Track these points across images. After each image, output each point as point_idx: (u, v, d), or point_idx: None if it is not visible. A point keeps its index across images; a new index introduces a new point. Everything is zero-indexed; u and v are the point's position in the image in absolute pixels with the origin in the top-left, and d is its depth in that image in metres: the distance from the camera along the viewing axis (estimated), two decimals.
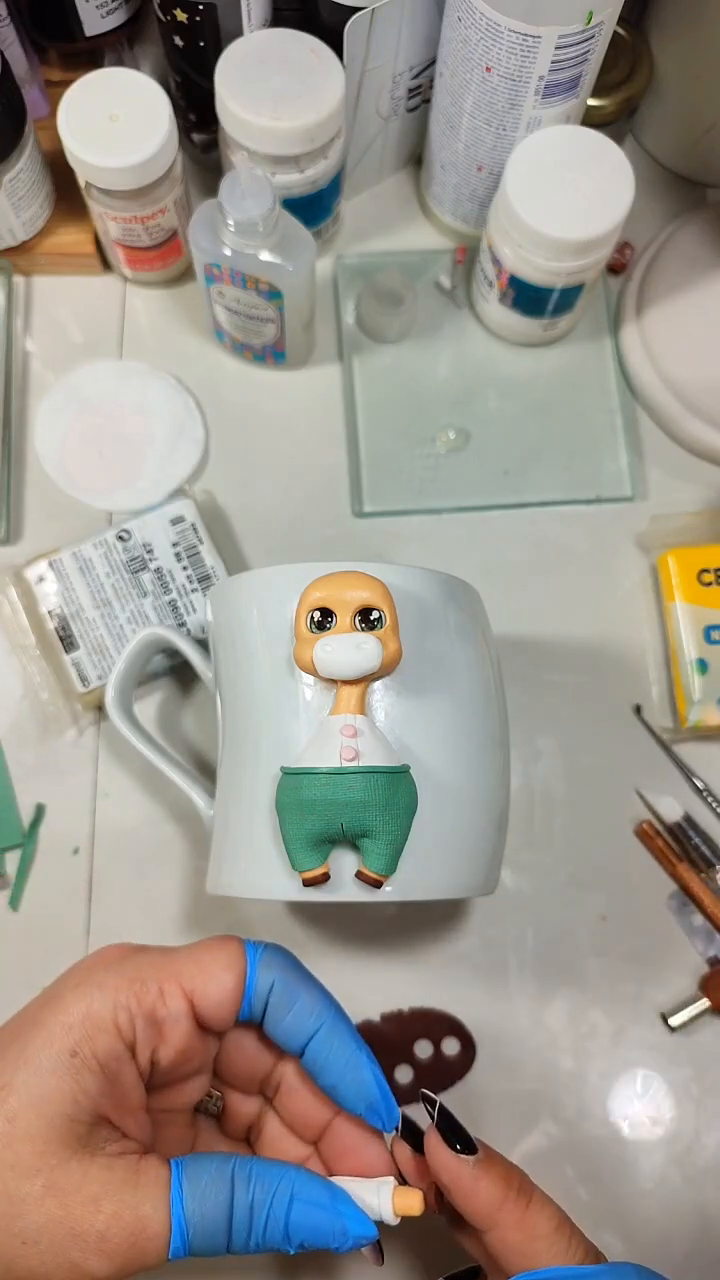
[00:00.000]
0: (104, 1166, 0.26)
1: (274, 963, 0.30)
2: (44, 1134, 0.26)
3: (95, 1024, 0.27)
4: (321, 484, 0.50)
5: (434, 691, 0.35)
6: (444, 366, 0.52)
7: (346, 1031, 0.30)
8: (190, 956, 0.30)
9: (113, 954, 0.30)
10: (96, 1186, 0.26)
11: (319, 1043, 0.30)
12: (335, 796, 0.32)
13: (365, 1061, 0.30)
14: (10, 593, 0.46)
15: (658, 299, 0.51)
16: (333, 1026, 0.30)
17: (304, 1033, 0.30)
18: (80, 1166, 0.26)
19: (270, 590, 0.36)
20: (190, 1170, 0.27)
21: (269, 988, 0.29)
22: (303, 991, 0.30)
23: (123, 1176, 0.26)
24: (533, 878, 0.46)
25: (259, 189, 0.41)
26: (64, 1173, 0.26)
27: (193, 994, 0.29)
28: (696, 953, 0.45)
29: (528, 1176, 0.30)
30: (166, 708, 0.47)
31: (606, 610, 0.49)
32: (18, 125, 0.45)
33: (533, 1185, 0.30)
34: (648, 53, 0.51)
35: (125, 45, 0.53)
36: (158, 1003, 0.28)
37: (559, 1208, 0.30)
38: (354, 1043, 0.30)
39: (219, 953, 0.30)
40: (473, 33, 0.42)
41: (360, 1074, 0.30)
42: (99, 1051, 0.27)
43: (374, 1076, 0.30)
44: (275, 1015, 0.30)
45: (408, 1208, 0.29)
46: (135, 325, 0.52)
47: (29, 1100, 0.26)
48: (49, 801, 0.46)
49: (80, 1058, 0.27)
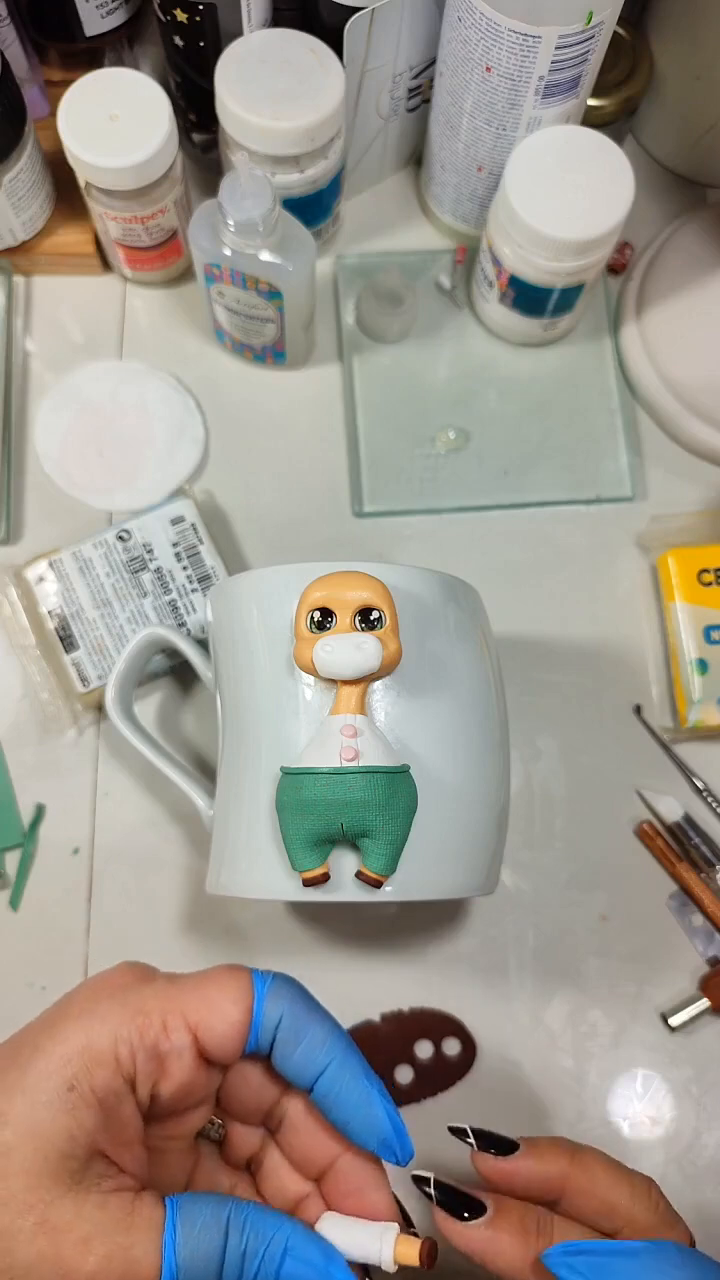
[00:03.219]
0: (97, 1205, 0.26)
1: (283, 994, 0.29)
2: (38, 1169, 0.25)
3: (94, 1057, 0.27)
4: (321, 484, 0.50)
5: (434, 691, 0.35)
6: (444, 366, 0.52)
7: (358, 1065, 0.29)
8: (196, 988, 0.29)
9: (118, 979, 0.29)
10: (89, 1226, 0.25)
11: (329, 1078, 0.29)
12: (335, 796, 0.32)
13: (378, 1098, 0.29)
14: (10, 593, 0.46)
15: (658, 299, 0.51)
16: (343, 1061, 0.29)
17: (314, 1067, 0.29)
18: (73, 1204, 0.25)
19: (270, 590, 0.36)
20: (185, 1213, 0.26)
21: (277, 1020, 0.29)
22: (312, 1024, 0.29)
23: (116, 1217, 0.26)
24: (533, 878, 0.46)
25: (259, 189, 0.41)
26: (56, 1210, 0.25)
27: (197, 1027, 0.28)
28: (696, 953, 0.45)
29: (545, 1212, 0.30)
30: (166, 708, 0.47)
31: (606, 610, 0.49)
32: (18, 125, 0.45)
33: (550, 1218, 0.30)
34: (648, 53, 0.51)
35: (125, 45, 0.53)
36: (160, 1037, 0.28)
37: (584, 1227, 0.30)
38: (365, 1078, 0.29)
39: (226, 984, 0.29)
40: (473, 33, 0.42)
41: (373, 1110, 0.29)
42: (97, 1086, 0.26)
43: (387, 1113, 0.29)
44: (284, 1049, 0.29)
45: (407, 1257, 0.28)
46: (135, 325, 0.52)
47: (25, 1133, 0.26)
48: (49, 801, 0.46)
49: (78, 1092, 0.26)
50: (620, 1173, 0.31)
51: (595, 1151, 0.32)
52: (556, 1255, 0.28)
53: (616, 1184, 0.31)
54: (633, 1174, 0.31)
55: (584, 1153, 0.31)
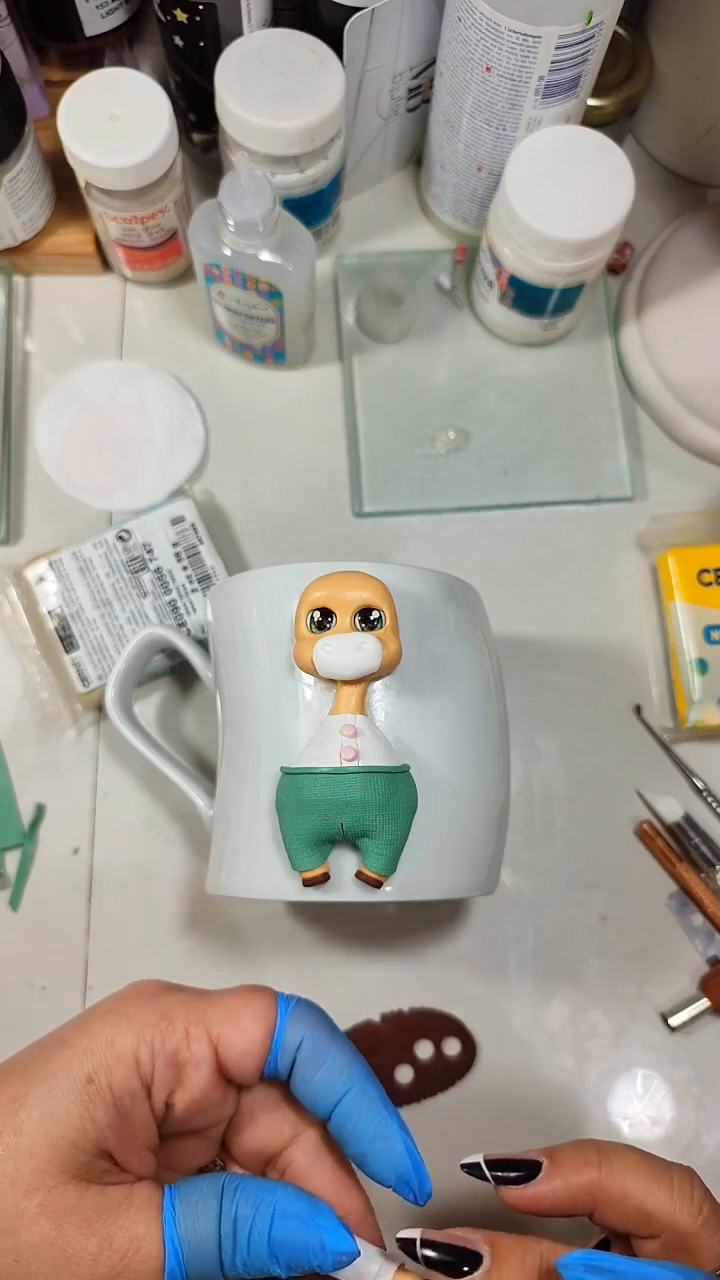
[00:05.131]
0: (98, 1192, 0.26)
1: (305, 1018, 0.29)
2: (46, 1154, 0.26)
3: (116, 1055, 0.27)
4: (321, 484, 0.50)
5: (434, 691, 0.35)
6: (444, 366, 0.52)
7: (377, 1096, 0.29)
8: (220, 1003, 0.29)
9: (148, 988, 0.30)
10: (90, 1210, 0.26)
11: (347, 1107, 0.29)
12: (335, 796, 0.32)
13: (397, 1130, 0.29)
14: (10, 593, 0.46)
15: (658, 299, 0.51)
16: (362, 1090, 0.29)
17: (333, 1094, 0.29)
18: (76, 1190, 0.26)
19: (270, 590, 0.36)
20: (182, 1190, 0.27)
21: (298, 1043, 0.29)
22: (334, 1050, 0.29)
23: (116, 1201, 0.26)
24: (533, 878, 0.46)
25: (259, 189, 0.41)
26: (60, 1194, 0.26)
27: (218, 1040, 0.28)
28: (696, 953, 0.45)
29: (550, 1246, 0.28)
30: (166, 708, 0.47)
31: (606, 610, 0.49)
32: (18, 125, 0.45)
33: (555, 1250, 0.28)
34: (648, 53, 0.51)
35: (125, 45, 0.53)
36: (182, 1045, 0.28)
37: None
38: (385, 1108, 0.29)
39: (250, 1002, 0.29)
40: (473, 33, 0.42)
41: (391, 1143, 0.28)
42: (115, 1083, 0.27)
43: (406, 1146, 0.29)
44: (304, 1072, 0.29)
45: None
46: (135, 325, 0.52)
47: (39, 1118, 0.26)
48: (49, 801, 0.46)
49: (95, 1086, 0.27)
50: (655, 1171, 0.29)
51: (625, 1153, 0.30)
52: (576, 1267, 0.26)
53: (652, 1186, 0.29)
54: (671, 1170, 0.29)
55: (612, 1157, 0.29)
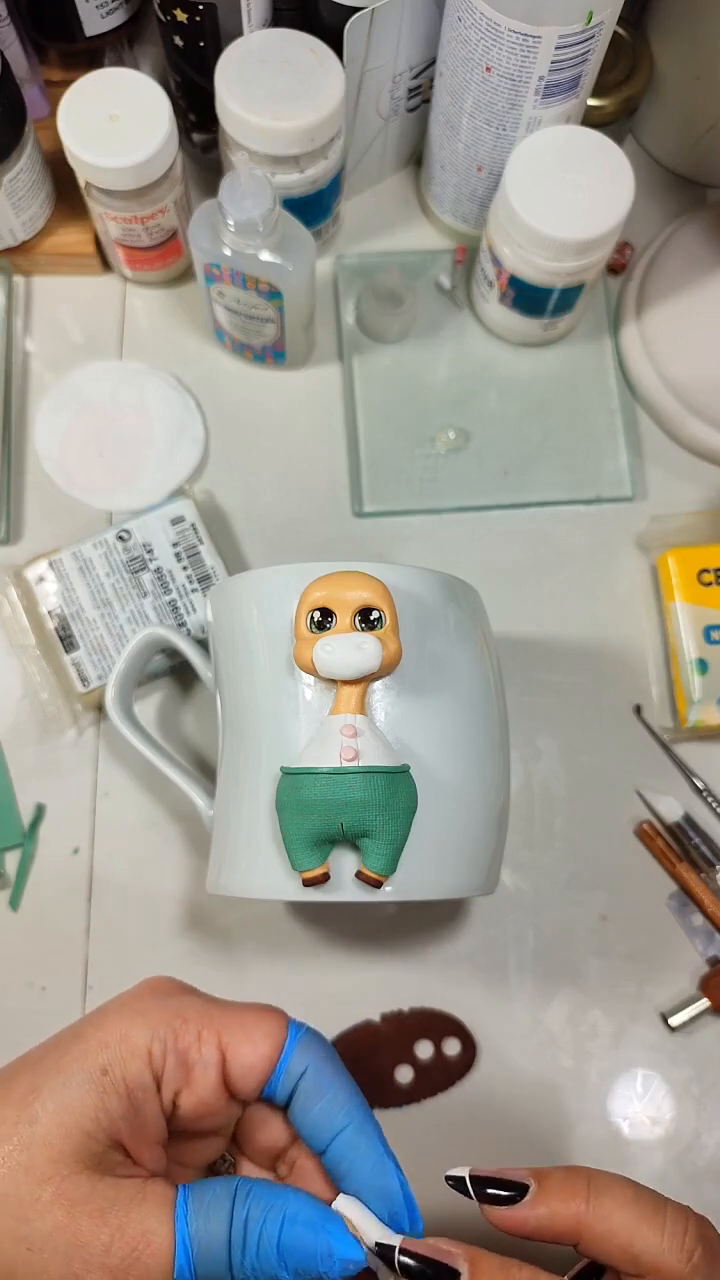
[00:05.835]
0: (111, 1184, 0.27)
1: (312, 1047, 0.30)
2: (60, 1143, 0.26)
3: (130, 1048, 0.28)
4: (321, 484, 0.50)
5: (434, 691, 0.35)
6: (444, 366, 0.52)
7: (374, 1133, 0.29)
8: (234, 1014, 0.29)
9: (163, 985, 0.30)
10: (103, 1201, 0.26)
11: (345, 1142, 0.29)
12: (335, 796, 0.32)
13: (392, 1169, 0.29)
14: (10, 593, 0.46)
15: (658, 299, 0.51)
16: (361, 1126, 0.29)
17: (331, 1128, 0.29)
18: (89, 1181, 0.26)
19: (270, 590, 0.36)
20: (196, 1190, 0.27)
21: (301, 1071, 0.29)
22: (336, 1084, 0.29)
23: (129, 1194, 0.27)
24: (533, 878, 0.46)
25: (259, 189, 0.41)
26: (73, 1183, 0.26)
27: (227, 1048, 0.29)
28: (696, 953, 0.45)
29: (534, 1274, 0.27)
30: (166, 708, 0.47)
31: (606, 610, 0.49)
32: (18, 125, 0.45)
33: (539, 1276, 0.27)
34: (648, 53, 0.51)
35: (125, 45, 0.53)
36: (192, 1046, 0.28)
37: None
38: (381, 1146, 0.29)
39: (263, 1020, 0.29)
40: (473, 33, 0.42)
41: (386, 1182, 0.29)
42: (128, 1075, 0.27)
43: (400, 1185, 0.29)
44: (304, 1102, 0.29)
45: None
46: (135, 325, 0.52)
47: (54, 1107, 0.27)
48: (49, 801, 0.46)
49: (110, 1077, 0.27)
50: (647, 1210, 0.27)
51: (618, 1187, 0.28)
52: None
53: (642, 1226, 0.27)
54: (665, 1209, 0.27)
55: (603, 1191, 0.27)
